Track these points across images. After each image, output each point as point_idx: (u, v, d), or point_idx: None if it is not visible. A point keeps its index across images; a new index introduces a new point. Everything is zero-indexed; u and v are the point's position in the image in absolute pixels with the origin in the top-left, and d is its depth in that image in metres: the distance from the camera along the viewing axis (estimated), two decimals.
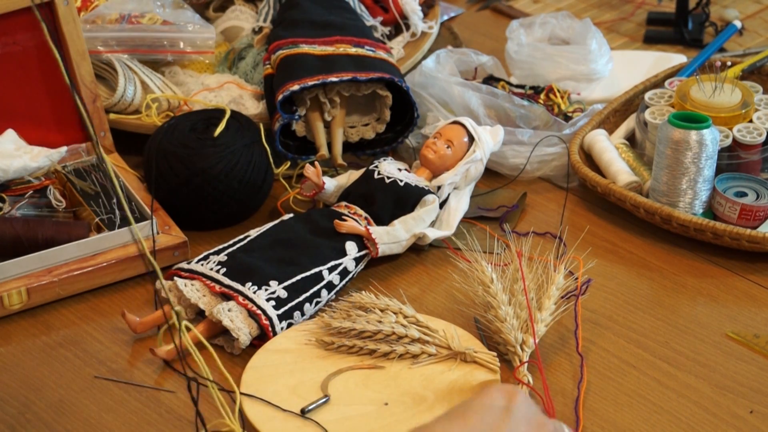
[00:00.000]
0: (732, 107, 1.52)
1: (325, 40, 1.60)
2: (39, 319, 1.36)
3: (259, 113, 1.61)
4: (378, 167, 1.47)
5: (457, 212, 1.47)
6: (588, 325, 1.33)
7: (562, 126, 1.61)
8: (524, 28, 1.78)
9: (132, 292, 1.40)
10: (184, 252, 1.43)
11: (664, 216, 1.44)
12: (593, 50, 1.71)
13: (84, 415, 1.23)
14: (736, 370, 1.27)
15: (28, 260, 1.36)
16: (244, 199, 1.48)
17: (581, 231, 1.47)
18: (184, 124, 1.50)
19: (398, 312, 1.27)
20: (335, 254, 1.37)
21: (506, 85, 1.70)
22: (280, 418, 1.18)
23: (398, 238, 1.41)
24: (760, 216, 1.44)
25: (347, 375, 1.23)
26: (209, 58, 1.71)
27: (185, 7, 1.73)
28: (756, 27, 1.96)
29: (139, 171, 1.55)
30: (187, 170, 1.45)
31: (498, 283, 1.29)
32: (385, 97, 1.56)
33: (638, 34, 1.95)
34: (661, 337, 1.32)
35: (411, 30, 1.79)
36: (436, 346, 1.25)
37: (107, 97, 1.61)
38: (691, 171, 1.44)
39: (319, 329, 1.29)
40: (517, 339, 1.25)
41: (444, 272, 1.42)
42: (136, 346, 1.32)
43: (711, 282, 1.41)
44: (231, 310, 1.28)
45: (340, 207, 1.44)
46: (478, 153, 1.48)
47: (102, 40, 1.64)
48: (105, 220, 1.44)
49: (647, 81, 1.68)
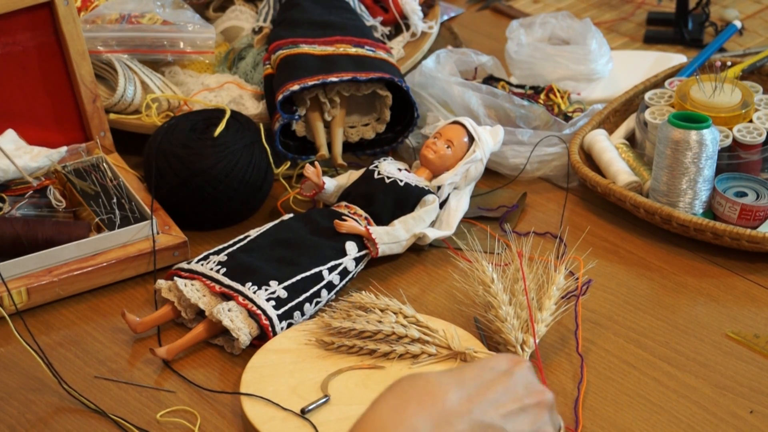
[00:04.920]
0: (732, 107, 1.52)
1: (325, 40, 1.60)
2: (39, 319, 1.36)
3: (259, 113, 1.61)
4: (378, 167, 1.47)
5: (457, 212, 1.47)
6: (588, 325, 1.33)
7: (562, 126, 1.61)
8: (524, 28, 1.78)
9: (132, 292, 1.40)
10: (184, 252, 1.43)
11: (664, 216, 1.44)
12: (593, 50, 1.71)
13: (84, 415, 1.23)
14: (736, 370, 1.27)
15: (28, 260, 1.36)
16: (244, 199, 1.48)
17: (581, 231, 1.47)
18: (184, 124, 1.50)
19: (398, 312, 1.27)
20: (335, 254, 1.37)
21: (506, 85, 1.70)
22: (280, 418, 1.18)
23: (398, 238, 1.41)
24: (760, 216, 1.44)
25: (347, 375, 1.23)
26: (209, 58, 1.71)
27: (185, 7, 1.73)
28: (756, 27, 1.96)
29: (139, 171, 1.55)
30: (187, 170, 1.45)
31: (498, 283, 1.29)
32: (385, 97, 1.56)
33: (638, 34, 1.96)
34: (661, 337, 1.32)
35: (411, 30, 1.79)
36: (436, 346, 1.25)
37: (107, 97, 1.61)
38: (691, 171, 1.44)
39: (319, 329, 1.29)
40: (518, 339, 1.25)
41: (444, 272, 1.42)
42: (136, 346, 1.32)
43: (711, 282, 1.41)
44: (231, 310, 1.28)
45: (340, 207, 1.44)
46: (478, 153, 1.48)
47: (102, 40, 1.64)
48: (105, 220, 1.44)
49: (647, 81, 1.68)
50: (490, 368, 0.94)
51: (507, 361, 0.95)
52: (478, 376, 0.92)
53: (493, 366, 0.94)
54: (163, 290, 1.34)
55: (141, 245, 1.41)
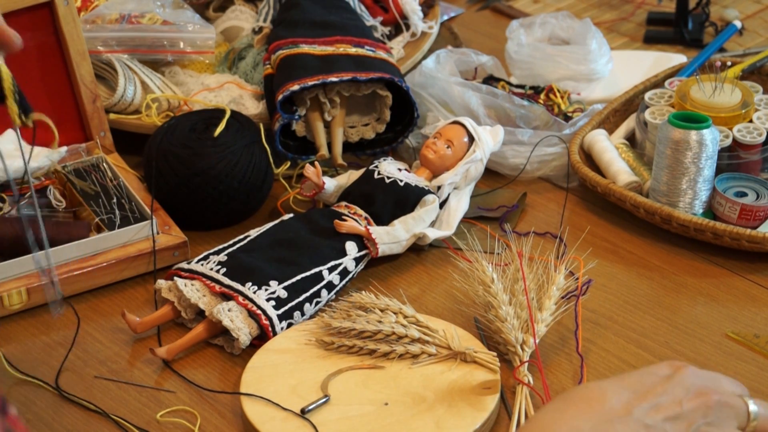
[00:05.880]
0: (732, 107, 1.52)
1: (325, 40, 1.60)
2: (39, 319, 1.36)
3: (259, 113, 1.61)
4: (378, 167, 1.47)
5: (457, 212, 1.47)
6: (588, 325, 1.33)
7: (562, 126, 1.61)
8: (524, 28, 1.78)
9: (132, 292, 1.40)
10: (184, 252, 1.43)
11: (664, 216, 1.44)
12: (593, 50, 1.71)
13: (84, 415, 1.23)
14: (736, 370, 1.27)
15: (28, 260, 1.36)
16: (244, 199, 1.48)
17: (581, 231, 1.47)
18: (184, 124, 1.50)
19: (398, 312, 1.27)
20: (335, 254, 1.37)
21: (506, 85, 1.70)
22: (280, 418, 1.18)
23: (398, 238, 1.41)
24: (760, 216, 1.44)
25: (347, 375, 1.23)
26: (209, 58, 1.71)
27: (185, 7, 1.73)
28: (756, 27, 1.96)
29: (139, 171, 1.55)
30: (187, 170, 1.45)
31: (498, 283, 1.29)
32: (385, 97, 1.56)
33: (638, 34, 1.95)
34: (661, 337, 1.32)
35: (411, 30, 1.79)
36: (436, 346, 1.25)
37: (107, 97, 1.61)
38: (691, 171, 1.44)
39: (319, 329, 1.29)
40: (518, 339, 1.25)
41: (444, 272, 1.42)
42: (136, 346, 1.32)
43: (711, 282, 1.41)
44: (231, 310, 1.28)
45: (340, 207, 1.44)
46: (478, 153, 1.48)
47: (102, 40, 1.64)
48: (105, 220, 1.44)
49: (647, 81, 1.68)
50: (651, 373, 0.95)
51: (668, 366, 0.96)
52: (639, 381, 0.94)
53: (654, 371, 0.95)
54: (163, 290, 1.34)
55: (141, 245, 1.41)
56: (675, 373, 0.95)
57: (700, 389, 0.94)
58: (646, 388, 0.93)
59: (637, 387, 0.93)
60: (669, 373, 0.95)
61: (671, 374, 0.95)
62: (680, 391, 0.93)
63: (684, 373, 0.95)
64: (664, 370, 0.96)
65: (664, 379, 0.94)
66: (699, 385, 0.95)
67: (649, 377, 0.94)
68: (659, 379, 0.94)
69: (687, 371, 0.96)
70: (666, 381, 0.94)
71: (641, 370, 0.95)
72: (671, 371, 0.95)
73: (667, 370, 0.95)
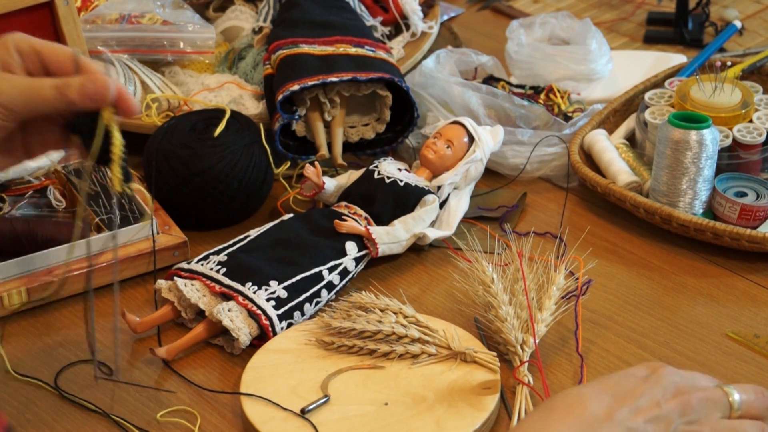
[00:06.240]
0: (732, 107, 1.52)
1: (325, 40, 1.60)
2: (39, 319, 1.36)
3: (259, 113, 1.61)
4: (378, 167, 1.47)
5: (457, 212, 1.47)
6: (588, 325, 1.33)
7: (562, 126, 1.61)
8: (524, 28, 1.78)
9: (132, 292, 1.40)
10: (184, 252, 1.43)
11: (664, 216, 1.44)
12: (593, 50, 1.71)
13: (84, 415, 1.23)
14: (736, 370, 1.27)
15: (28, 260, 1.36)
16: (244, 199, 1.48)
17: (581, 231, 1.47)
18: (184, 124, 1.50)
19: (398, 312, 1.27)
20: (335, 254, 1.37)
21: (506, 85, 1.70)
22: (280, 418, 1.18)
23: (398, 238, 1.41)
24: (760, 216, 1.44)
25: (347, 375, 1.23)
26: (209, 58, 1.71)
27: (185, 7, 1.73)
28: (756, 27, 1.96)
29: (139, 171, 1.55)
30: (187, 170, 1.45)
31: (498, 283, 1.29)
32: (385, 97, 1.56)
33: (638, 34, 1.96)
34: (661, 337, 1.32)
35: (411, 30, 1.79)
36: (436, 346, 1.25)
37: None
38: (691, 171, 1.44)
39: (319, 329, 1.29)
40: (518, 339, 1.25)
41: (444, 272, 1.42)
42: (136, 346, 1.32)
43: (711, 282, 1.41)
44: (231, 310, 1.28)
45: (340, 207, 1.44)
46: (478, 153, 1.48)
47: (102, 40, 1.64)
48: (105, 220, 1.44)
49: (647, 81, 1.68)
50: (629, 375, 0.96)
51: (645, 367, 0.98)
52: (618, 384, 0.95)
53: (632, 373, 0.97)
54: (163, 290, 1.34)
55: (141, 245, 1.41)
56: (652, 374, 0.97)
57: (678, 388, 0.96)
58: (625, 391, 0.94)
59: (617, 390, 0.94)
60: (646, 374, 0.97)
61: (648, 375, 0.96)
62: (658, 391, 0.95)
63: (660, 373, 0.97)
64: (642, 371, 0.97)
65: (642, 381, 0.96)
66: (677, 384, 0.96)
67: (627, 380, 0.96)
68: (637, 381, 0.96)
69: (664, 371, 0.97)
70: (644, 382, 0.95)
71: (619, 373, 0.97)
72: (648, 372, 0.97)
73: (644, 371, 0.97)
